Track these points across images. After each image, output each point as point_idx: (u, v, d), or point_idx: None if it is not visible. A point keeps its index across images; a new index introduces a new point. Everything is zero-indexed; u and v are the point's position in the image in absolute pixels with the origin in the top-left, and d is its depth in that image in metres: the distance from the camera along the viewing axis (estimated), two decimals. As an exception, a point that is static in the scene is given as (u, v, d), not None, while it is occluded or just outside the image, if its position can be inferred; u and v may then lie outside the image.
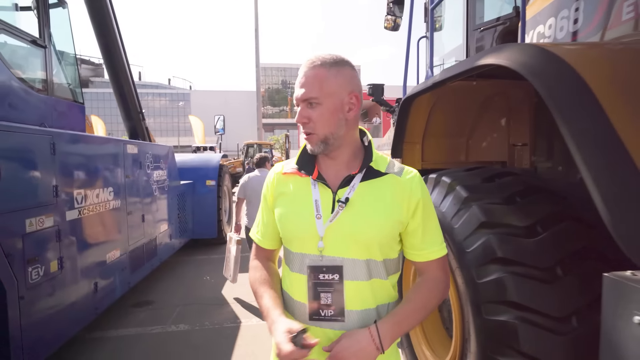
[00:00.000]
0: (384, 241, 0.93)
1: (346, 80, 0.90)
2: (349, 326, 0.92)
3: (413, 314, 0.93)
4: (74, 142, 2.91)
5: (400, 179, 0.94)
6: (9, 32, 2.96)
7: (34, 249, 2.24)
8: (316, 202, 0.94)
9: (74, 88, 3.85)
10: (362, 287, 0.92)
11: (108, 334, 3.23)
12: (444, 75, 1.82)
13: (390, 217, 0.91)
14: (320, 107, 0.89)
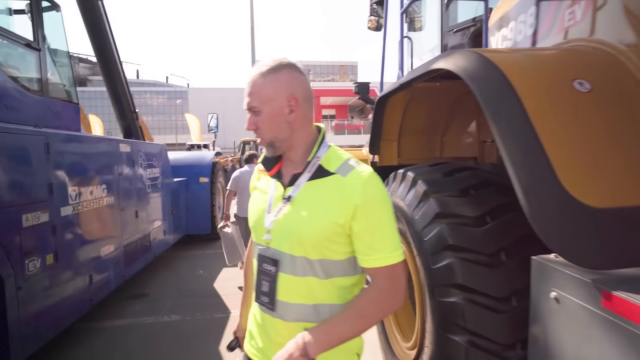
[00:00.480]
0: (316, 241, 0.91)
1: (283, 84, 0.92)
2: (281, 316, 0.96)
3: (345, 323, 0.90)
4: (68, 142, 3.04)
5: (344, 180, 0.92)
6: (4, 36, 3.07)
7: (30, 243, 2.38)
8: (270, 198, 1.01)
9: (69, 89, 3.97)
10: (296, 282, 0.94)
11: (103, 324, 3.39)
12: (407, 78, 1.96)
13: (325, 217, 0.90)
14: (262, 114, 0.93)
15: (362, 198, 0.89)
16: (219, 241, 6.72)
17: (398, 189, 2.14)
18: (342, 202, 0.90)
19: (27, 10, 3.49)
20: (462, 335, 1.48)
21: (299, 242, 0.93)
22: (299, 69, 0.98)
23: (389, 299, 0.93)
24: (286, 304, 0.95)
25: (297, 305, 0.95)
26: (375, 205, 0.91)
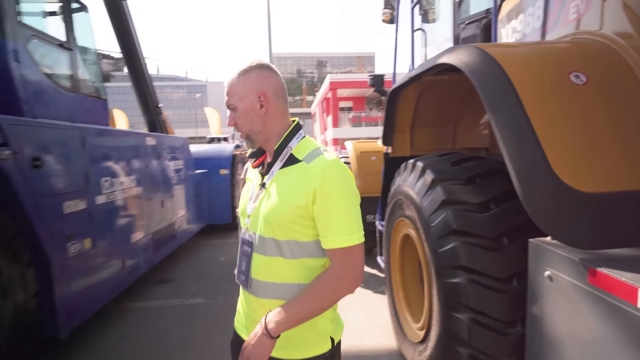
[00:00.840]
0: (281, 222, 0.99)
1: (252, 83, 1.02)
2: (255, 293, 1.05)
3: (301, 302, 0.97)
4: (100, 136, 3.27)
5: (307, 167, 0.99)
6: (40, 38, 3.30)
7: (71, 228, 2.62)
8: (253, 187, 1.12)
9: (97, 85, 4.21)
10: (265, 262, 1.03)
11: (134, 305, 3.65)
12: (416, 72, 2.05)
13: (289, 201, 0.98)
14: (237, 110, 1.04)
15: (320, 182, 0.95)
16: (237, 231, 6.99)
17: (408, 178, 2.25)
18: (304, 187, 0.97)
19: (58, 13, 3.72)
20: (465, 313, 1.59)
21: (268, 224, 1.01)
22: (270, 68, 1.07)
23: (342, 280, 0.98)
24: (258, 281, 1.04)
25: (267, 283, 1.03)
26: (332, 189, 0.96)
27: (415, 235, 2.12)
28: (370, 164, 4.77)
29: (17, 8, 3.02)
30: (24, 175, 2.24)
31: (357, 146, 5.15)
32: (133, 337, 3.07)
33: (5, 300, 2.01)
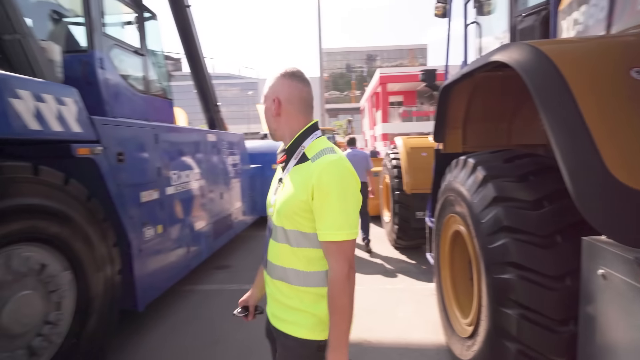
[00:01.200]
0: (288, 213, 1.10)
1: (272, 89, 1.18)
2: (269, 273, 1.21)
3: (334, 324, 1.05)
4: (170, 133, 3.62)
5: (311, 165, 1.09)
6: (119, 46, 3.71)
7: (146, 215, 2.97)
8: (276, 181, 1.25)
9: (165, 86, 4.63)
10: (276, 247, 1.17)
11: (196, 288, 4.01)
12: (468, 69, 2.05)
13: (295, 195, 1.09)
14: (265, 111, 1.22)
15: (317, 180, 1.05)
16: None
17: (459, 174, 2.26)
18: (306, 183, 1.07)
19: (134, 22, 4.14)
20: (514, 309, 1.60)
21: (279, 215, 1.14)
22: (293, 77, 1.18)
23: (336, 280, 1.05)
24: (271, 263, 1.20)
25: (276, 266, 1.18)
26: (327, 186, 1.04)
27: (466, 232, 2.13)
28: (421, 160, 4.73)
29: (102, 21, 3.44)
30: (111, 167, 2.59)
31: (407, 142, 5.12)
32: (196, 314, 3.39)
33: (98, 274, 2.36)
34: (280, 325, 1.19)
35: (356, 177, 1.13)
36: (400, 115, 26.73)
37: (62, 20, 3.62)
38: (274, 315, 1.22)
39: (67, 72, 3.01)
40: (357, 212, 1.10)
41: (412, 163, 4.81)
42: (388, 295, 3.70)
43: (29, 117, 2.00)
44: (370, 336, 2.91)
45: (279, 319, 1.19)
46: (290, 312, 1.16)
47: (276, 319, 1.21)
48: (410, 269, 4.51)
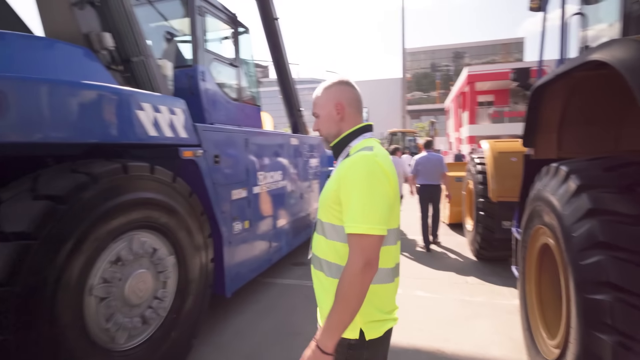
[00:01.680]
0: (324, 206, 1.19)
1: (331, 96, 1.27)
2: (312, 264, 1.28)
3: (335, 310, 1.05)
4: (257, 137, 3.96)
5: (345, 161, 1.16)
6: (218, 60, 4.16)
7: (236, 211, 3.31)
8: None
9: (254, 94, 5.05)
10: (316, 238, 1.26)
11: (275, 281, 4.31)
12: (563, 68, 1.88)
13: (330, 188, 1.18)
14: (320, 117, 1.31)
15: (344, 175, 1.11)
16: (365, 226, 7.29)
17: (550, 183, 2.09)
18: (338, 177, 1.15)
19: (229, 37, 4.60)
20: (610, 335, 1.44)
21: (319, 207, 1.25)
22: (348, 84, 1.29)
23: (349, 273, 1.04)
24: (313, 254, 1.28)
25: (315, 257, 1.26)
26: (351, 180, 1.08)
27: (555, 245, 1.96)
28: (509, 166, 4.38)
29: (204, 38, 3.91)
30: (209, 168, 2.95)
31: (495, 146, 4.79)
32: (275, 305, 3.65)
33: (195, 260, 2.71)
34: (321, 321, 1.25)
35: (390, 176, 1.12)
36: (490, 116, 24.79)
37: (173, 40, 4.22)
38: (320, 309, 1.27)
39: (175, 85, 3.51)
40: (385, 210, 1.07)
41: (500, 168, 4.48)
42: (465, 308, 3.52)
43: (149, 125, 2.40)
44: (445, 347, 2.81)
45: (321, 314, 1.25)
46: (324, 306, 1.19)
47: (320, 314, 1.26)
48: (493, 281, 4.21)
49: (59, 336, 1.75)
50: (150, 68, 2.95)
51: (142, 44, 2.91)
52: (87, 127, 2.03)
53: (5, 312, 1.58)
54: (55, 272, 1.74)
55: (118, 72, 2.82)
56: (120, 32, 2.80)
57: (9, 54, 2.08)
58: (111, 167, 2.09)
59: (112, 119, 2.17)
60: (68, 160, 2.10)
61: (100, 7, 2.71)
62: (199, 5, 3.81)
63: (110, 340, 2.06)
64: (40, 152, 2.38)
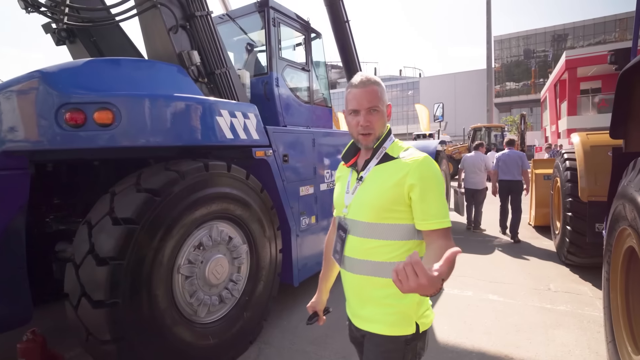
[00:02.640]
0: (380, 206, 1.16)
1: (386, 95, 1.25)
2: (348, 269, 1.24)
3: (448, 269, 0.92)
4: (325, 137, 4.16)
5: (404, 162, 1.17)
6: (290, 66, 4.46)
7: (304, 207, 3.54)
8: (348, 182, 1.31)
9: (326, 96, 5.27)
10: (359, 242, 1.21)
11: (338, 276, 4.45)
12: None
13: (387, 190, 1.16)
14: (379, 113, 1.22)
15: (419, 175, 1.13)
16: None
17: (635, 178, 1.88)
18: (402, 178, 1.15)
19: (302, 43, 4.88)
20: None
21: (365, 209, 1.19)
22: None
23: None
24: (350, 259, 1.23)
25: (354, 259, 1.22)
26: (427, 180, 1.13)
27: (636, 243, 1.76)
28: (603, 162, 3.87)
29: (279, 46, 4.24)
30: (278, 166, 3.23)
31: (588, 139, 4.27)
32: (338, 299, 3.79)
33: (266, 250, 3.00)
34: (365, 325, 1.24)
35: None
36: (596, 105, 21.59)
37: (253, 51, 4.65)
38: (357, 316, 1.28)
39: (252, 91, 3.89)
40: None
41: (592, 164, 3.99)
42: (544, 316, 3.24)
43: (226, 129, 2.74)
44: (514, 353, 2.66)
45: (364, 319, 1.24)
46: (375, 309, 1.20)
47: (360, 319, 1.26)
48: (580, 290, 3.78)
49: (154, 304, 2.14)
50: (230, 79, 3.34)
51: (224, 58, 3.31)
52: (177, 132, 2.42)
53: (118, 281, 2.00)
54: (152, 251, 2.13)
55: (204, 84, 3.25)
56: (206, 49, 3.22)
57: (122, 75, 2.59)
58: (195, 165, 2.47)
59: (197, 124, 2.55)
60: (165, 161, 2.53)
61: (190, 29, 3.16)
62: (273, 17, 4.15)
63: (193, 313, 2.43)
64: (145, 155, 2.89)
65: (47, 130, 2.01)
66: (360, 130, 1.22)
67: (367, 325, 1.24)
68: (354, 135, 1.26)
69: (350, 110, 1.24)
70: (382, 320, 1.20)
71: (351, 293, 1.29)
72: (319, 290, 1.56)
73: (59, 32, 3.45)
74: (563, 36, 42.83)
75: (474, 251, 5.36)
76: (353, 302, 1.29)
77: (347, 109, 1.25)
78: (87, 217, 2.18)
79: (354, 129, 1.24)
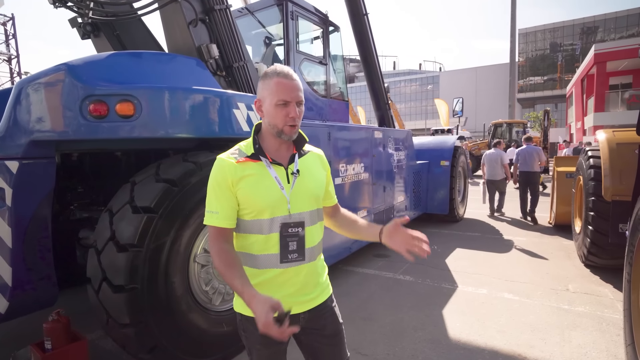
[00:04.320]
0: (318, 195, 1.32)
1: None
2: (308, 260, 1.25)
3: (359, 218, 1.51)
4: (340, 131, 4.16)
5: (319, 155, 1.40)
6: (308, 59, 4.46)
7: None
8: (276, 178, 1.22)
9: (342, 89, 5.26)
10: (314, 230, 1.28)
11: (355, 270, 4.48)
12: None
13: (320, 179, 1.34)
14: (302, 106, 1.23)
15: (326, 165, 1.42)
16: (455, 224, 6.99)
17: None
18: (324, 168, 1.40)
19: (320, 37, 4.87)
20: None
21: (316, 199, 1.31)
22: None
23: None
24: (311, 248, 1.27)
25: (315, 247, 1.30)
26: (329, 169, 1.44)
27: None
28: (631, 160, 3.73)
29: (297, 39, 4.24)
30: (293, 160, 3.25)
31: (614, 136, 4.12)
32: (352, 291, 3.83)
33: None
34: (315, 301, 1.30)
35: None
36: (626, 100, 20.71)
37: (271, 44, 4.67)
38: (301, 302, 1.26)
39: (269, 85, 3.91)
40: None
41: (617, 163, 3.85)
42: (561, 316, 3.18)
43: (244, 122, 2.78)
44: (528, 353, 2.62)
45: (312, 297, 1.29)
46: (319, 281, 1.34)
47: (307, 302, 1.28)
48: (601, 292, 3.68)
49: (171, 290, 2.22)
50: (248, 72, 3.37)
51: (242, 51, 3.34)
52: (196, 124, 2.47)
53: (137, 267, 2.08)
54: (170, 240, 2.20)
55: (222, 77, 3.29)
56: (224, 43, 3.26)
57: (143, 68, 2.65)
58: (212, 157, 2.51)
59: (215, 117, 2.59)
60: (183, 152, 2.59)
61: (209, 22, 3.20)
62: (292, 10, 4.15)
63: (208, 301, 2.49)
64: (164, 146, 2.96)
65: (72, 120, 2.09)
66: (290, 122, 1.20)
67: (317, 300, 1.32)
68: (278, 125, 1.20)
69: (282, 101, 1.18)
70: (326, 285, 1.39)
71: (299, 285, 1.25)
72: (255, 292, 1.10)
73: (84, 26, 3.56)
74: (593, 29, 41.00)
75: (490, 249, 5.28)
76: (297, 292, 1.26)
77: (274, 99, 1.18)
78: (108, 206, 2.27)
79: (281, 120, 1.19)
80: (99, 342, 2.85)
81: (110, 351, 2.72)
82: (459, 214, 7.09)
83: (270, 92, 1.19)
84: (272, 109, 1.20)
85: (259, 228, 1.21)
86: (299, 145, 1.30)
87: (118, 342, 2.22)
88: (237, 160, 1.21)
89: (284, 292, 1.22)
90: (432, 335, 2.91)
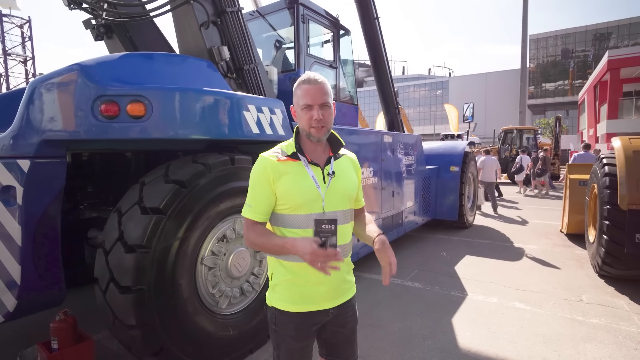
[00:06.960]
0: (351, 195, 1.41)
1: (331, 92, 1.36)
2: (344, 256, 1.35)
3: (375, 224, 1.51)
4: (349, 135, 4.13)
5: (353, 159, 1.49)
6: (318, 63, 4.45)
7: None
8: (313, 177, 1.32)
9: (352, 93, 5.23)
10: (346, 228, 1.38)
11: (363, 275, 4.42)
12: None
13: (353, 181, 1.43)
14: (330, 109, 1.32)
15: (359, 169, 1.51)
16: (464, 230, 6.90)
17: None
18: (354, 171, 1.46)
19: (331, 40, 4.86)
20: None
21: (350, 199, 1.39)
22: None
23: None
24: (342, 246, 1.33)
25: (346, 244, 1.38)
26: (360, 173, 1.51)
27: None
28: (648, 168, 3.65)
29: (307, 43, 4.24)
30: (302, 163, 3.22)
31: (630, 144, 4.02)
32: (359, 297, 3.77)
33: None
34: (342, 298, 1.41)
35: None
36: None
37: (282, 47, 4.67)
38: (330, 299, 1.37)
39: (280, 88, 3.90)
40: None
41: (634, 170, 3.75)
42: (575, 328, 3.09)
43: (253, 124, 2.77)
44: (541, 365, 2.55)
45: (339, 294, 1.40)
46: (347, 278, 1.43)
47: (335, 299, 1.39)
48: (616, 304, 3.57)
49: (178, 292, 2.20)
50: (258, 74, 3.37)
51: (253, 54, 3.34)
52: (205, 125, 2.46)
53: (144, 268, 2.06)
54: (177, 241, 2.19)
55: (232, 79, 3.29)
56: (235, 45, 3.26)
57: (155, 69, 2.66)
58: (222, 159, 2.50)
59: (224, 119, 2.58)
60: (193, 154, 2.58)
61: (220, 24, 3.21)
62: (303, 13, 4.15)
63: (215, 303, 2.47)
64: (174, 147, 2.96)
65: (84, 120, 2.09)
66: (314, 124, 1.30)
67: (345, 296, 1.42)
68: (305, 128, 1.32)
69: (305, 105, 1.30)
70: (353, 283, 1.48)
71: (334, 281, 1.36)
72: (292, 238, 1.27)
73: (97, 27, 3.59)
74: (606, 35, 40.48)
75: (500, 257, 5.18)
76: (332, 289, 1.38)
77: (300, 104, 1.32)
78: (117, 206, 2.26)
79: (306, 122, 1.31)
80: (105, 342, 2.84)
81: (116, 352, 2.70)
82: (468, 221, 6.99)
83: (298, 98, 1.33)
84: (299, 113, 1.33)
85: (297, 223, 1.31)
86: (335, 148, 1.41)
87: (124, 343, 2.20)
88: (279, 159, 1.32)
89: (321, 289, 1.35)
90: (442, 344, 2.85)
